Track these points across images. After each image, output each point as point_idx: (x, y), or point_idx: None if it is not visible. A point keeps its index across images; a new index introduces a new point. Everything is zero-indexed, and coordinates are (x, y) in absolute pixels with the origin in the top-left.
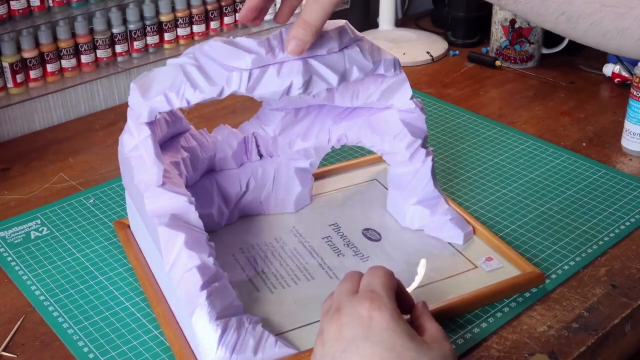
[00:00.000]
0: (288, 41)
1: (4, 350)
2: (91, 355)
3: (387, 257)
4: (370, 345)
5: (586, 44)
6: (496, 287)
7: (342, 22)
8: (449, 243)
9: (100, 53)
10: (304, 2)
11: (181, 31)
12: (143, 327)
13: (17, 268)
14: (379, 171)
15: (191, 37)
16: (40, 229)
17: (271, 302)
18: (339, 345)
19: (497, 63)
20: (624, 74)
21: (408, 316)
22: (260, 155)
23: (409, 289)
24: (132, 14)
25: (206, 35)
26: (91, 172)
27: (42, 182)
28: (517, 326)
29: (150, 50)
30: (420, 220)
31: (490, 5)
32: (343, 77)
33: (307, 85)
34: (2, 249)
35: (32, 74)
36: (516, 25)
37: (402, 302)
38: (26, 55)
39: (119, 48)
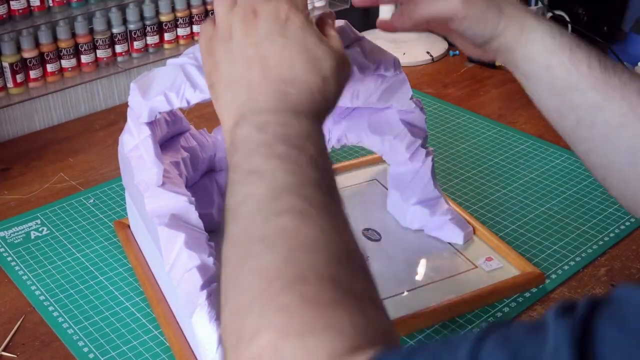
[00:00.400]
0: None
1: (4, 350)
2: (91, 355)
3: (387, 257)
4: (284, 40)
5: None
6: (496, 287)
7: (342, 22)
8: (449, 243)
9: (100, 53)
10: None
11: (181, 31)
12: (143, 327)
13: (17, 268)
14: (379, 171)
15: (191, 37)
16: (40, 229)
17: None
18: (250, 39)
19: (497, 63)
20: None
21: None
22: None
23: (409, 289)
24: (132, 14)
25: None
26: (91, 172)
27: (42, 182)
28: None
29: (150, 50)
30: (420, 220)
31: None
32: None
33: None
34: (2, 249)
35: (32, 74)
36: None
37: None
38: (26, 55)
39: (119, 48)
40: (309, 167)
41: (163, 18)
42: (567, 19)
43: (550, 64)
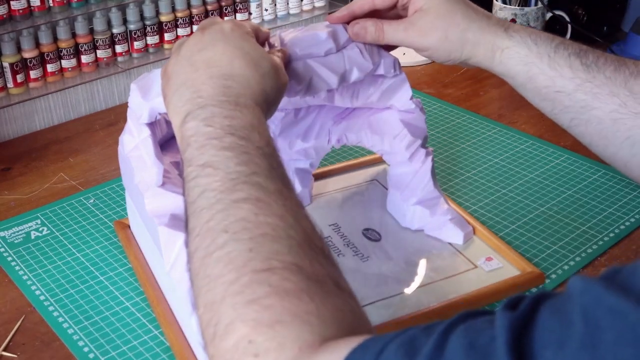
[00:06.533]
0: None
1: (4, 350)
2: (91, 355)
3: (387, 257)
4: (225, 44)
5: (627, 168)
6: (496, 287)
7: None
8: (449, 243)
9: (101, 53)
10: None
11: (181, 31)
12: (143, 327)
13: (17, 268)
14: (379, 171)
15: None
16: (40, 229)
17: None
18: (197, 47)
19: None
20: None
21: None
22: None
23: (409, 289)
24: (132, 14)
25: None
26: (91, 172)
27: (42, 182)
28: None
29: (151, 50)
30: (420, 220)
31: (489, 6)
32: (343, 78)
33: (307, 86)
34: (2, 249)
35: (33, 74)
36: None
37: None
38: (26, 55)
39: (119, 48)
40: (258, 157)
41: (163, 18)
42: (567, 19)
43: (530, 74)
